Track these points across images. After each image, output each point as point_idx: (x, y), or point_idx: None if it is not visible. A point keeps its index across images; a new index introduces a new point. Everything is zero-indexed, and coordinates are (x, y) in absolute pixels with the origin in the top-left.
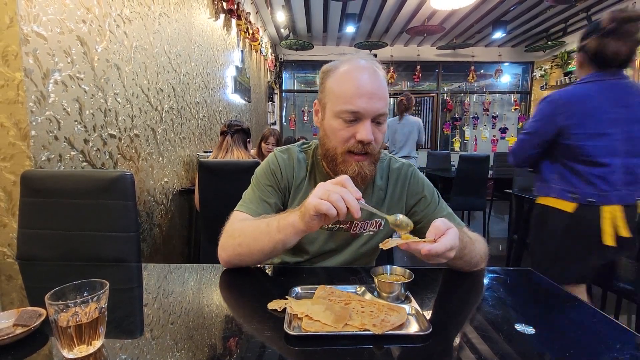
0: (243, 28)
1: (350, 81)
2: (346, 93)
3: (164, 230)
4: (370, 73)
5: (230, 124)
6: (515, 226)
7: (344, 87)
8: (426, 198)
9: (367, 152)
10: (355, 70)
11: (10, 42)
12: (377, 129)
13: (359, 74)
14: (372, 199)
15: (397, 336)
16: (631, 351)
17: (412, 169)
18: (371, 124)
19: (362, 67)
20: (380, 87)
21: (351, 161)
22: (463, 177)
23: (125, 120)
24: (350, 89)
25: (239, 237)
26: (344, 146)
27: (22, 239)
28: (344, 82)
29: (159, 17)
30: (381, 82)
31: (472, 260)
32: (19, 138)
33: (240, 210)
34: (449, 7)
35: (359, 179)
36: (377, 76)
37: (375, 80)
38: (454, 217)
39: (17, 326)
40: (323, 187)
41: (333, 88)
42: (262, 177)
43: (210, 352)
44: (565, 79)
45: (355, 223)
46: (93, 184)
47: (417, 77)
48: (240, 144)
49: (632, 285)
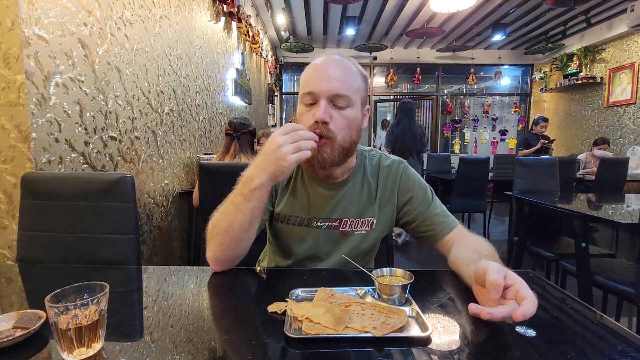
0: (243, 30)
1: (314, 68)
2: (307, 78)
3: (164, 233)
4: (335, 62)
5: (236, 127)
6: (515, 228)
7: (307, 74)
8: (418, 196)
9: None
10: (321, 60)
11: (12, 44)
12: (339, 113)
13: (323, 62)
14: (362, 196)
15: (398, 339)
16: (632, 354)
17: (404, 166)
18: (331, 107)
19: (329, 58)
20: (341, 71)
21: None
22: (463, 179)
23: (125, 122)
24: (311, 73)
25: (214, 229)
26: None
27: (22, 241)
28: (308, 71)
29: (160, 19)
30: (345, 68)
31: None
32: (20, 140)
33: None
34: (449, 9)
35: (315, 162)
36: (341, 64)
37: (335, 66)
38: (447, 216)
39: (17, 329)
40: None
41: (301, 79)
42: None
43: (210, 354)
44: (565, 81)
45: (344, 221)
46: (93, 186)
47: (417, 80)
48: (247, 147)
49: (633, 287)
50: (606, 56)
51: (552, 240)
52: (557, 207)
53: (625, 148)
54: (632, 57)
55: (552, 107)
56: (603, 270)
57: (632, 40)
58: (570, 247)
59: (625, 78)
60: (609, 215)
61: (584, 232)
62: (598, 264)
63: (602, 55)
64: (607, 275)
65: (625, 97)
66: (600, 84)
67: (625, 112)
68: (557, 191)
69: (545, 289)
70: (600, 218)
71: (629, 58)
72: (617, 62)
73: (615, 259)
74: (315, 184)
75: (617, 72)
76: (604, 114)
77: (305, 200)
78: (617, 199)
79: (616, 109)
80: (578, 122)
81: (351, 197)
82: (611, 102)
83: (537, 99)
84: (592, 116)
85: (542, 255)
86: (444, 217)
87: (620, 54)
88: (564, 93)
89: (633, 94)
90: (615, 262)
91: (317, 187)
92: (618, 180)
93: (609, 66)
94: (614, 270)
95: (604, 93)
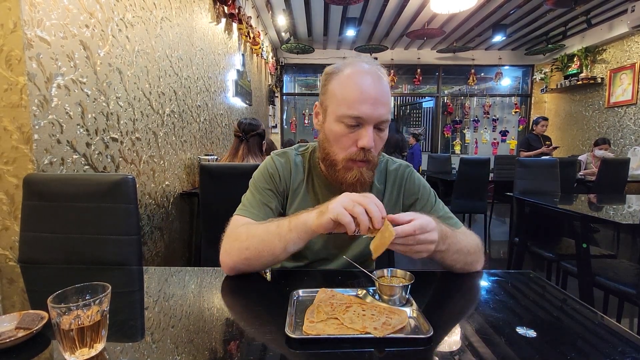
0: (244, 32)
1: (354, 85)
2: (349, 97)
3: (165, 234)
4: (375, 78)
5: (245, 129)
6: (516, 229)
7: (347, 91)
8: (422, 199)
9: (367, 160)
10: (359, 74)
11: (14, 46)
12: (378, 135)
13: (363, 78)
14: None
15: (399, 339)
16: (633, 355)
17: (409, 170)
18: (373, 130)
19: (366, 71)
20: (384, 93)
21: (352, 167)
22: (464, 180)
23: (127, 123)
24: (353, 93)
25: (246, 241)
26: (345, 153)
27: (24, 242)
28: (347, 86)
29: (161, 21)
30: (384, 87)
31: (461, 254)
32: (22, 142)
33: (241, 214)
34: (449, 10)
35: (358, 185)
36: (380, 81)
37: (378, 86)
38: (451, 218)
39: (19, 329)
40: (349, 197)
41: (335, 91)
42: (261, 181)
43: (211, 355)
44: (566, 82)
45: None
46: (95, 187)
47: (418, 81)
48: (257, 150)
49: (634, 288)
50: (607, 57)
51: (552, 241)
52: (558, 207)
53: (626, 149)
54: (633, 58)
55: (553, 107)
56: (604, 271)
57: (633, 40)
58: (571, 247)
59: (626, 79)
60: (609, 216)
61: (585, 233)
62: (599, 265)
63: (603, 55)
64: (608, 276)
65: (626, 97)
66: (601, 85)
67: (626, 113)
68: (557, 192)
69: (546, 290)
70: (601, 219)
71: (629, 59)
72: (618, 63)
73: (616, 259)
74: (326, 188)
75: (617, 73)
76: (605, 114)
77: (316, 204)
78: (618, 199)
79: (617, 109)
80: (579, 122)
81: None
82: (612, 102)
83: (538, 100)
84: (593, 117)
85: (543, 256)
86: (447, 219)
87: (621, 54)
88: (565, 94)
89: (634, 94)
90: (616, 262)
91: (328, 192)
92: (619, 181)
93: (609, 67)
94: (615, 271)
95: (605, 94)
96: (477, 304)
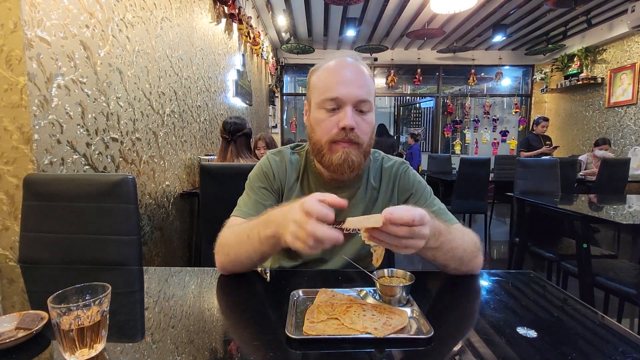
0: (244, 32)
1: (332, 72)
2: (327, 82)
3: (165, 234)
4: (353, 66)
5: (231, 130)
6: (516, 229)
7: (325, 78)
8: (416, 194)
9: (352, 140)
10: (338, 63)
11: (14, 46)
12: (362, 118)
13: (341, 66)
14: (365, 199)
15: (399, 339)
16: (633, 355)
17: (404, 167)
18: (354, 112)
19: (345, 62)
20: (361, 76)
21: (337, 148)
22: (464, 180)
23: (127, 123)
24: (331, 78)
25: (226, 246)
26: (328, 136)
27: (24, 243)
28: (326, 75)
29: (161, 21)
30: (363, 73)
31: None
32: (22, 142)
33: (236, 215)
34: (449, 10)
35: (346, 166)
36: (359, 69)
37: (356, 71)
38: (446, 213)
39: (19, 329)
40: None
41: (316, 82)
42: (255, 180)
43: (211, 355)
44: (566, 82)
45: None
46: (95, 187)
47: (418, 81)
48: (245, 150)
49: (635, 288)
50: (607, 57)
51: (553, 241)
52: (559, 208)
53: (627, 149)
54: (633, 58)
55: (553, 107)
56: (604, 271)
57: (633, 40)
58: (572, 248)
59: (626, 79)
60: (610, 216)
61: (585, 233)
62: (599, 265)
63: (603, 55)
64: (608, 276)
65: (627, 97)
66: (601, 85)
67: (627, 113)
68: (558, 192)
69: (547, 290)
70: (602, 219)
71: (629, 59)
72: (618, 63)
73: (616, 259)
74: (322, 186)
75: (618, 73)
76: (605, 114)
77: None
78: (618, 199)
79: (617, 109)
80: (579, 122)
81: (356, 199)
82: (612, 102)
83: (538, 100)
84: (593, 117)
85: (544, 256)
86: (441, 215)
87: (621, 54)
88: (565, 94)
89: (634, 94)
90: (616, 263)
91: (323, 190)
92: (619, 181)
93: (609, 67)
94: (615, 271)
95: (605, 94)
96: (478, 304)
